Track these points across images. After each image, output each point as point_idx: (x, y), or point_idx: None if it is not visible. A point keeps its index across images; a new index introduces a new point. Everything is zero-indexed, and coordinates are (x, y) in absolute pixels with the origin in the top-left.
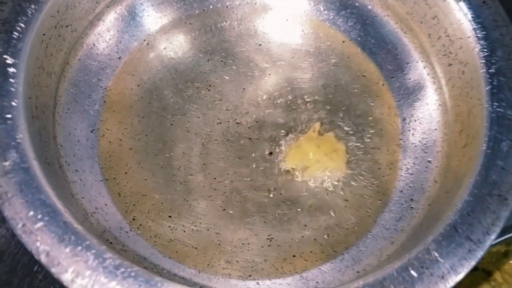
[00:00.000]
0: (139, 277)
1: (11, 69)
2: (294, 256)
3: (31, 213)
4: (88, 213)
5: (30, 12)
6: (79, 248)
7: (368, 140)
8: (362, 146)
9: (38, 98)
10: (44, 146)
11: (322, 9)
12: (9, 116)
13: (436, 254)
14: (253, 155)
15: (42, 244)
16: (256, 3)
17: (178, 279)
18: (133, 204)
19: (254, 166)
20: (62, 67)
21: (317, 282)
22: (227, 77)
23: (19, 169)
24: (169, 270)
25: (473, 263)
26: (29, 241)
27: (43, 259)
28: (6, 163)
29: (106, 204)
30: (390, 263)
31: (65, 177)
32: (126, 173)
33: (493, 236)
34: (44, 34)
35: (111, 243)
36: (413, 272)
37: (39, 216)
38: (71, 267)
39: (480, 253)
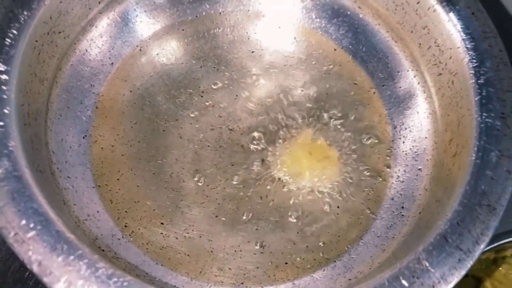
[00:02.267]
0: (132, 286)
1: (3, 76)
2: (286, 263)
3: (23, 222)
4: (80, 220)
5: (22, 19)
6: (72, 257)
7: (359, 147)
8: (354, 153)
9: (31, 105)
10: (36, 154)
11: (314, 17)
12: (1, 123)
13: (427, 264)
14: (245, 162)
15: (34, 253)
16: (249, 10)
17: None
18: (125, 211)
19: (246, 173)
20: (55, 73)
21: None
22: (219, 84)
23: (11, 178)
24: (161, 278)
25: (463, 272)
26: (21, 250)
27: (35, 268)
28: None
29: (98, 211)
30: (381, 271)
31: (56, 184)
32: (118, 179)
33: (482, 246)
34: (36, 41)
35: (103, 250)
36: (404, 282)
37: (31, 225)
38: (63, 276)
39: (469, 263)
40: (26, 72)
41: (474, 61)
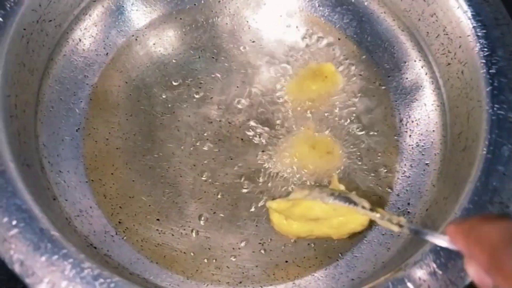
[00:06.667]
0: None
1: None
2: (286, 262)
3: (5, 219)
4: (71, 216)
5: (8, 5)
6: (56, 257)
7: (364, 141)
8: (358, 147)
9: (18, 96)
10: (24, 147)
11: (317, 5)
12: None
13: (434, 266)
14: (245, 156)
15: (16, 252)
16: None
17: None
18: (119, 207)
19: (246, 167)
20: (46, 64)
21: None
22: (219, 75)
23: None
24: (156, 277)
25: None
26: (2, 249)
27: (17, 268)
28: None
29: (90, 207)
30: (385, 271)
31: (47, 179)
32: (112, 174)
33: None
34: (24, 29)
35: (95, 247)
36: (409, 285)
37: (14, 222)
38: (46, 277)
39: None
40: (14, 62)
41: (486, 49)
